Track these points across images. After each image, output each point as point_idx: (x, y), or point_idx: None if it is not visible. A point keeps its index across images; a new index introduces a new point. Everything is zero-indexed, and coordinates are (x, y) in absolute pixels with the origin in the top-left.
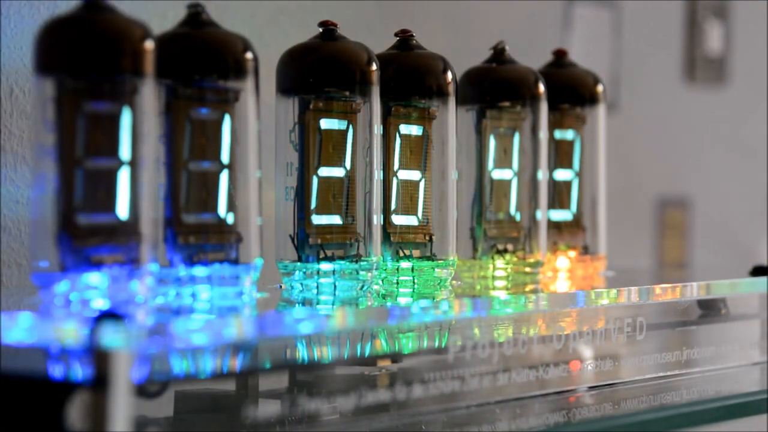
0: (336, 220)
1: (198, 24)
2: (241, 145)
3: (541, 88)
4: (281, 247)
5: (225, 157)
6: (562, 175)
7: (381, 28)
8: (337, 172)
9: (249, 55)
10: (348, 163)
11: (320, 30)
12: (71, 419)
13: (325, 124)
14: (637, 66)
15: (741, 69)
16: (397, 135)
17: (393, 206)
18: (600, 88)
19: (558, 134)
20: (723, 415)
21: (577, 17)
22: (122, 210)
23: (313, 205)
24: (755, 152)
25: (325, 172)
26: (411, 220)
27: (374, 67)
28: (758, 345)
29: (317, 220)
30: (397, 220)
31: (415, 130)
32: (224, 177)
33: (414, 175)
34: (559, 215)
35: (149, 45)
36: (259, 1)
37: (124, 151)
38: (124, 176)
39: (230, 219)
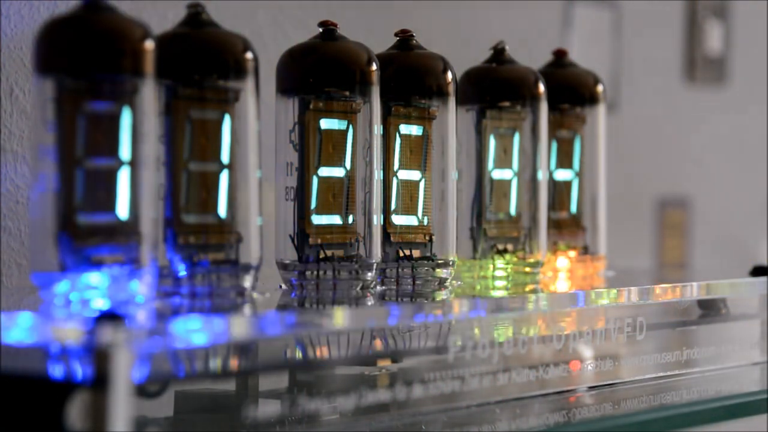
0: (336, 220)
1: (198, 24)
2: (241, 145)
3: (541, 88)
4: (281, 247)
5: (225, 157)
6: (562, 175)
7: (381, 28)
8: (337, 172)
9: (249, 55)
10: (348, 163)
11: (320, 30)
12: (71, 419)
13: (325, 124)
14: (637, 66)
15: (741, 69)
16: (397, 135)
17: (393, 206)
18: (600, 88)
19: (558, 134)
20: (723, 415)
21: (577, 17)
22: (122, 210)
23: (313, 205)
24: (755, 152)
25: (325, 172)
26: (411, 220)
27: (374, 67)
28: (758, 345)
29: (317, 220)
30: (397, 220)
31: (415, 130)
32: (224, 177)
33: (414, 175)
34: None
35: (149, 45)
36: (259, 1)
37: (124, 151)
38: (124, 176)
39: (230, 219)
